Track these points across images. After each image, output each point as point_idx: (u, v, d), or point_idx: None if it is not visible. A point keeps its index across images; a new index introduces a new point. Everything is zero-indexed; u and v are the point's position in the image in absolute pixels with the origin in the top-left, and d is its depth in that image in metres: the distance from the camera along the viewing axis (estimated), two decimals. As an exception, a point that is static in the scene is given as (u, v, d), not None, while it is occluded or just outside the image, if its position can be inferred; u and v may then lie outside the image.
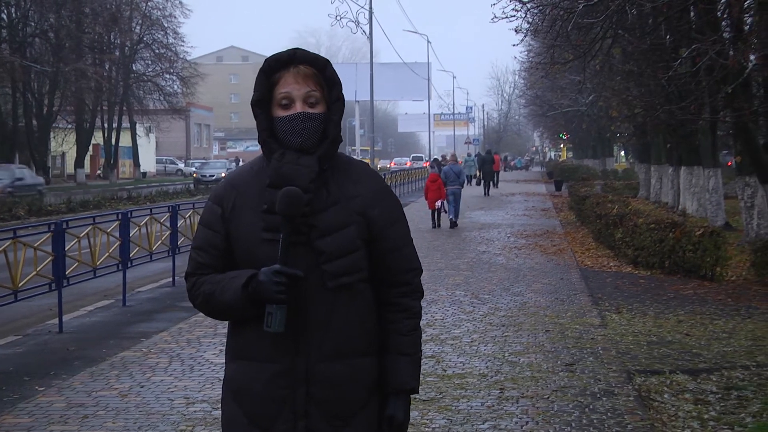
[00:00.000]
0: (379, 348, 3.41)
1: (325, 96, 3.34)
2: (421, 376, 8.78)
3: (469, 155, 58.55)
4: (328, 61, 3.38)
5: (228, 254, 3.36)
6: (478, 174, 51.11)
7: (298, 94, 3.29)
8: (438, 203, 26.66)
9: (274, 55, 3.36)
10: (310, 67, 3.32)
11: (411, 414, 7.59)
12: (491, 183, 47.44)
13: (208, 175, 60.21)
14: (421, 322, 3.51)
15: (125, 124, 68.55)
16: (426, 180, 28.20)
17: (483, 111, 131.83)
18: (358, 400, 3.33)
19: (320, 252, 3.25)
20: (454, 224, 27.17)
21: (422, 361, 9.03)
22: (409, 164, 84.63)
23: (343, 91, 3.42)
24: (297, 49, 3.36)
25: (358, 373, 3.33)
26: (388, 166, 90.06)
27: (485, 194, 45.02)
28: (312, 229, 3.25)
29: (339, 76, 3.40)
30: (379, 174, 3.58)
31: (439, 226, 26.88)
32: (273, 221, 3.23)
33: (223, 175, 58.70)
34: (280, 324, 3.17)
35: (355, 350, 3.32)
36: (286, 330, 3.20)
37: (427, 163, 76.34)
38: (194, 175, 63.61)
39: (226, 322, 3.49)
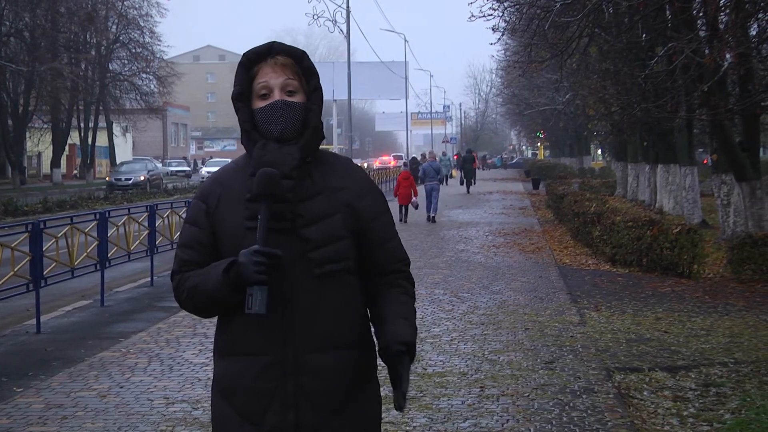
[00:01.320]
0: (368, 341, 3.43)
1: (304, 86, 3.40)
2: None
3: (444, 154, 58.40)
4: (304, 52, 3.45)
5: (213, 250, 3.38)
6: (454, 174, 51.53)
7: (276, 82, 3.35)
8: (414, 200, 27.91)
9: (252, 48, 3.43)
10: (288, 57, 3.39)
11: (392, 413, 7.60)
12: (470, 181, 48.69)
13: (123, 179, 51.26)
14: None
15: (102, 123, 68.15)
16: (399, 177, 29.26)
17: (460, 110, 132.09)
18: (347, 391, 3.33)
19: (306, 240, 3.27)
20: (432, 219, 28.49)
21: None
22: (394, 163, 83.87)
23: (321, 88, 3.47)
24: (274, 42, 3.44)
25: (346, 365, 3.33)
26: (374, 164, 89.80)
27: (467, 192, 46.27)
28: (297, 218, 3.28)
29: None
30: (363, 169, 3.63)
31: (406, 221, 27.95)
32: (256, 209, 3.26)
33: (142, 178, 52.09)
34: (261, 305, 3.15)
35: (343, 341, 3.33)
36: (273, 319, 3.22)
37: (393, 162, 76.58)
38: (107, 178, 53.90)
39: (207, 322, 3.50)
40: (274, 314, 3.23)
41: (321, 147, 3.48)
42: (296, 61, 3.39)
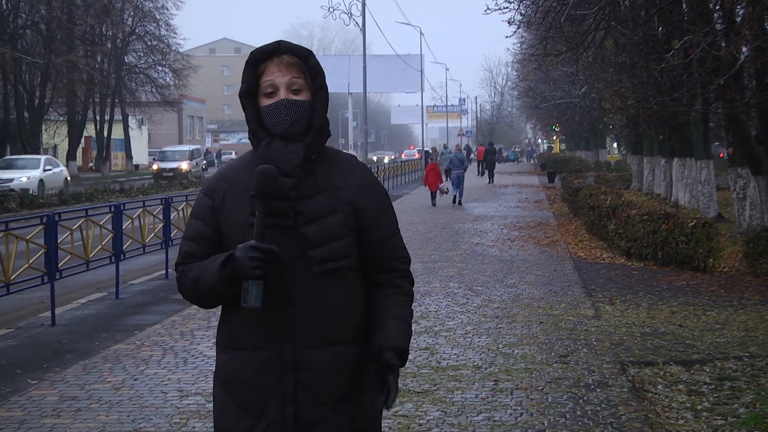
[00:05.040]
0: (365, 335, 3.45)
1: (309, 85, 3.44)
2: (416, 368, 8.78)
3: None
4: (311, 51, 3.51)
5: (216, 244, 3.44)
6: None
7: (282, 81, 3.39)
8: (442, 186, 32.97)
9: (259, 47, 3.48)
10: (293, 56, 3.43)
11: (405, 406, 7.60)
12: (493, 172, 51.89)
13: None
14: (416, 314, 3.55)
15: (117, 116, 68.26)
16: (426, 168, 34.29)
17: (476, 103, 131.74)
18: (345, 386, 3.38)
19: (306, 238, 3.31)
20: (459, 202, 32.83)
21: (416, 354, 8.98)
22: (417, 155, 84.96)
23: (336, 84, 3.52)
24: (281, 41, 3.48)
25: (345, 360, 3.38)
26: (401, 156, 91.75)
27: (490, 182, 49.68)
28: (298, 215, 3.32)
29: (332, 68, 3.47)
30: (367, 167, 3.66)
31: (435, 204, 32.42)
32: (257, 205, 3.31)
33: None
34: (256, 299, 3.22)
35: (342, 338, 3.38)
36: (273, 315, 3.28)
37: (417, 155, 77.93)
38: None
39: (220, 315, 3.52)
40: (274, 310, 3.29)
41: (332, 142, 3.49)
42: (302, 60, 3.43)
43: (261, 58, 3.43)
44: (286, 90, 3.39)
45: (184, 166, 55.67)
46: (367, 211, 3.44)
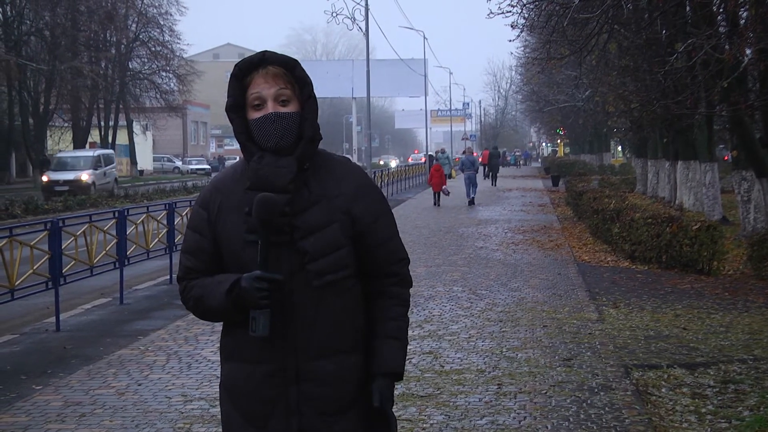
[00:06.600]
0: (367, 344, 3.44)
1: (298, 94, 3.38)
2: (419, 372, 8.78)
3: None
4: (297, 61, 3.43)
5: (216, 257, 3.41)
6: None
7: (269, 93, 3.33)
8: (444, 188, 34.98)
9: (243, 59, 3.42)
10: (279, 67, 3.36)
11: (409, 410, 7.60)
12: (496, 175, 53.45)
13: None
14: (419, 318, 3.53)
15: (122, 122, 68.41)
16: (431, 169, 36.24)
17: (480, 107, 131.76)
18: (349, 396, 3.36)
19: (304, 252, 3.28)
20: (472, 201, 35.20)
21: (420, 357, 8.99)
22: (423, 159, 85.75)
23: (340, 88, 3.48)
24: (266, 51, 3.42)
25: (348, 370, 3.36)
26: (408, 160, 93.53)
27: (493, 184, 51.09)
28: (294, 230, 3.28)
29: (335, 72, 3.44)
30: (362, 169, 3.60)
31: (438, 205, 34.43)
32: (255, 225, 3.27)
33: None
34: (264, 328, 3.22)
35: (344, 347, 3.36)
36: (274, 330, 3.25)
37: (423, 159, 78.78)
38: None
39: (222, 323, 3.52)
40: (275, 323, 3.26)
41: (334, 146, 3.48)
42: (288, 70, 3.37)
43: (247, 70, 3.37)
44: (273, 102, 3.32)
45: (85, 177, 42.98)
46: (364, 217, 3.40)
